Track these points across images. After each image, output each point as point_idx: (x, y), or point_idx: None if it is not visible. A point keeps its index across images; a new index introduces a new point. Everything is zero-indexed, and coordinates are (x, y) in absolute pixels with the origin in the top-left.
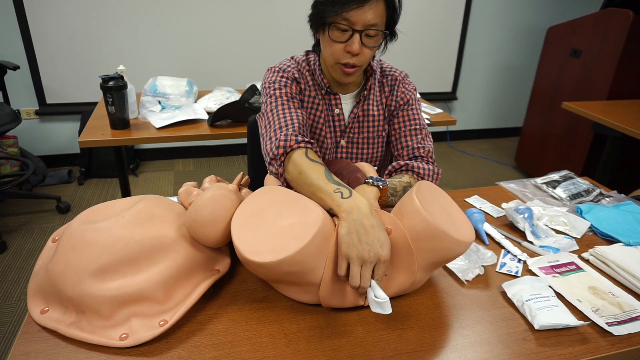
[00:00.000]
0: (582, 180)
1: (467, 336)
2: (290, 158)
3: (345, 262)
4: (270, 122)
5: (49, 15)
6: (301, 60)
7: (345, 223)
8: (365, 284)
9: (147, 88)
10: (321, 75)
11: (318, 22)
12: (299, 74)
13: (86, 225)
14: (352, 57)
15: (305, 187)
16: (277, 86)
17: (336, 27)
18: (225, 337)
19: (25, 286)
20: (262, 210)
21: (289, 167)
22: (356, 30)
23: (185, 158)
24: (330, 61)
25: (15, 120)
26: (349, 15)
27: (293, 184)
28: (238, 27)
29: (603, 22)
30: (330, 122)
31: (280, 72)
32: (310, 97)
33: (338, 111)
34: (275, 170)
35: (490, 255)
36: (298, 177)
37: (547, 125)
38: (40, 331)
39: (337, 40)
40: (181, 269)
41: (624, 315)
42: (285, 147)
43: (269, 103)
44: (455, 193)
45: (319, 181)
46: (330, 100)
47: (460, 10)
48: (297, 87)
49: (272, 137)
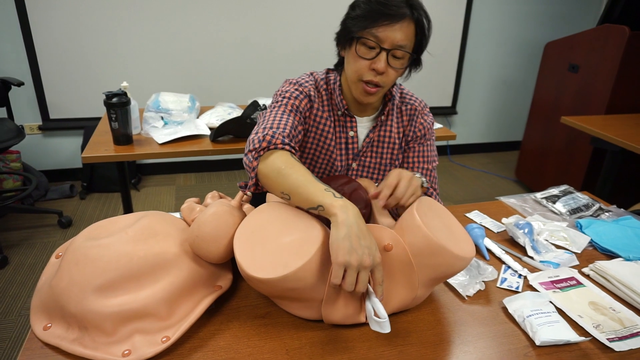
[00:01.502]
0: (581, 195)
1: (468, 352)
2: (272, 153)
3: (343, 269)
4: (265, 120)
5: (54, 32)
6: (320, 78)
7: (342, 226)
8: (363, 288)
9: (150, 104)
10: (340, 96)
11: (346, 37)
12: (315, 91)
13: (90, 242)
14: (376, 75)
15: (286, 183)
16: (288, 96)
17: (364, 42)
18: (227, 354)
19: (27, 301)
20: (264, 227)
21: (269, 160)
22: (384, 48)
23: (187, 173)
24: (353, 78)
25: (18, 136)
26: (378, 31)
27: (268, 180)
28: (240, 44)
29: (600, 37)
30: (343, 144)
31: (296, 85)
32: (322, 118)
33: (353, 134)
34: (249, 162)
35: (490, 271)
36: (279, 171)
37: (547, 139)
38: (42, 347)
39: (364, 56)
40: (184, 285)
41: (625, 330)
42: (270, 142)
43: (272, 107)
44: (456, 208)
45: (306, 178)
46: (345, 122)
47: (459, 26)
48: (308, 104)
49: (259, 131)
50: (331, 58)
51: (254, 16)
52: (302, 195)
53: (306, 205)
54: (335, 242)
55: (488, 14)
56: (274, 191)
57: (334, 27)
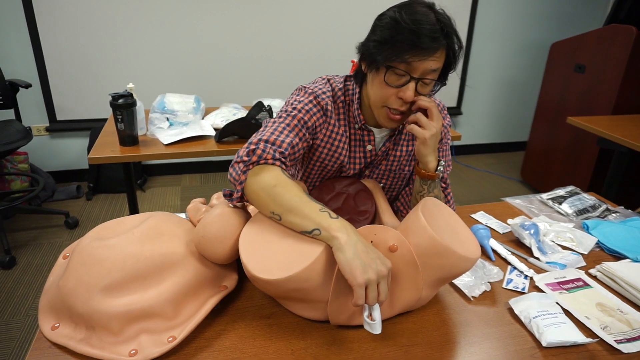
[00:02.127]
0: (588, 195)
1: (474, 353)
2: (263, 169)
3: (363, 289)
4: (264, 130)
5: (61, 35)
6: (338, 87)
7: (347, 247)
8: (386, 297)
9: (156, 105)
10: (358, 109)
11: (372, 61)
12: (332, 104)
13: (97, 242)
14: (403, 104)
15: (277, 203)
16: (299, 108)
17: (393, 71)
18: (233, 354)
19: (34, 301)
20: (270, 228)
21: (259, 177)
22: (414, 77)
23: (192, 173)
24: (377, 104)
25: (26, 137)
26: (409, 62)
27: (257, 198)
28: (245, 45)
29: (607, 38)
30: (359, 158)
31: (312, 97)
32: (337, 134)
33: (370, 147)
34: (236, 174)
35: (496, 272)
36: (270, 190)
37: (553, 139)
38: (50, 347)
39: (392, 84)
40: (190, 285)
41: (632, 332)
42: (260, 157)
43: (278, 116)
44: (461, 209)
45: (300, 199)
46: (362, 136)
47: (464, 26)
48: (321, 119)
49: (252, 142)
50: (336, 60)
51: (259, 17)
52: (297, 217)
53: (299, 229)
54: (346, 265)
55: (493, 14)
56: (263, 210)
57: (339, 28)
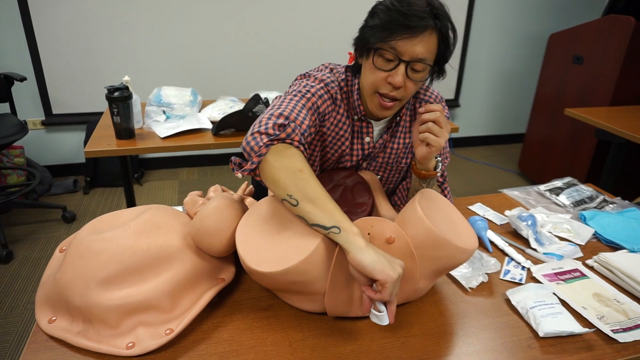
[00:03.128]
0: (585, 187)
1: (471, 344)
2: (288, 149)
3: (392, 287)
4: (283, 105)
5: (56, 27)
6: (340, 78)
7: (368, 248)
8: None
9: (152, 98)
10: (358, 100)
11: (363, 46)
12: (340, 94)
13: (93, 235)
14: (392, 89)
15: (301, 188)
16: (313, 92)
17: (381, 54)
18: (231, 346)
19: (32, 295)
20: (266, 220)
21: (285, 156)
22: (402, 60)
23: (190, 167)
24: (369, 90)
25: (22, 131)
26: (397, 44)
27: (277, 177)
28: (242, 37)
29: (605, 28)
30: (358, 150)
31: (322, 84)
32: (343, 123)
33: (369, 139)
34: (256, 145)
35: (494, 263)
36: (296, 174)
37: (551, 131)
38: (48, 340)
39: (381, 68)
40: (187, 277)
41: (629, 322)
42: (288, 135)
43: (292, 94)
44: (459, 201)
45: (325, 193)
46: (361, 127)
47: (462, 18)
48: (330, 107)
49: (275, 114)
50: (333, 51)
51: (256, 9)
52: (317, 208)
53: (315, 221)
54: (375, 264)
55: (491, 5)
56: (279, 190)
57: (336, 20)
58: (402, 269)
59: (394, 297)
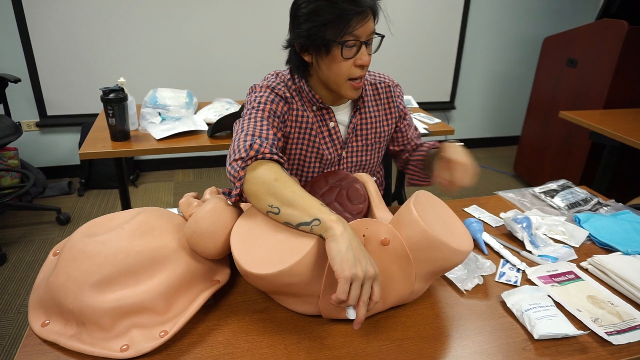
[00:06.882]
0: (580, 189)
1: (467, 346)
2: (262, 164)
3: (349, 283)
4: (245, 127)
5: (50, 28)
6: (286, 78)
7: (342, 239)
8: (367, 298)
9: (147, 100)
10: (311, 92)
11: (320, 45)
12: (289, 92)
13: (87, 238)
14: (362, 69)
15: (278, 195)
16: (263, 101)
17: (346, 44)
18: (226, 349)
19: (25, 298)
20: (261, 223)
21: (259, 171)
22: (362, 42)
23: (185, 169)
24: (341, 80)
25: (16, 133)
26: (356, 29)
27: (256, 192)
28: (237, 39)
29: (598, 32)
30: (327, 137)
31: (269, 90)
32: (302, 117)
33: (333, 124)
34: (234, 171)
35: (489, 265)
36: (270, 184)
37: (545, 134)
38: (41, 344)
39: (348, 57)
40: (181, 279)
41: (623, 324)
42: (257, 152)
43: (248, 113)
44: (454, 203)
45: (302, 192)
46: (323, 115)
47: (457, 21)
48: (286, 107)
49: (240, 138)
50: None
51: (252, 11)
52: (296, 209)
53: (298, 221)
54: (338, 256)
55: (486, 9)
56: (261, 204)
57: None
58: (372, 273)
59: (362, 303)
